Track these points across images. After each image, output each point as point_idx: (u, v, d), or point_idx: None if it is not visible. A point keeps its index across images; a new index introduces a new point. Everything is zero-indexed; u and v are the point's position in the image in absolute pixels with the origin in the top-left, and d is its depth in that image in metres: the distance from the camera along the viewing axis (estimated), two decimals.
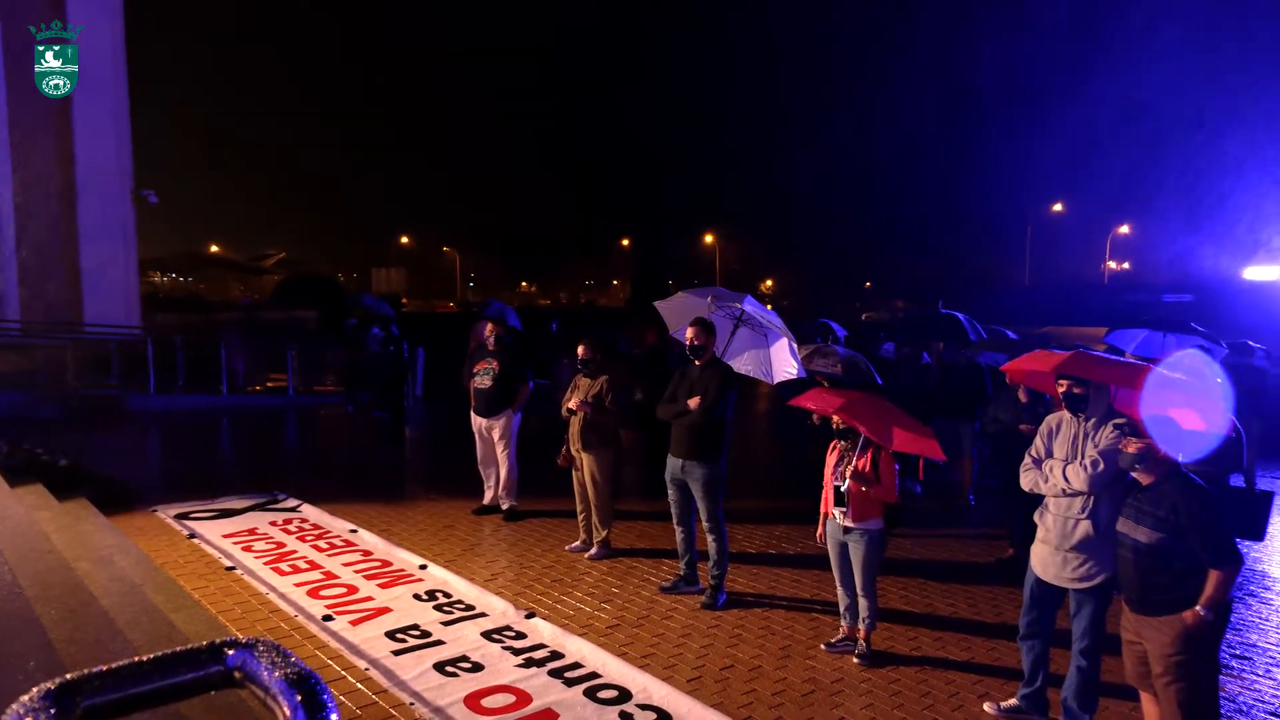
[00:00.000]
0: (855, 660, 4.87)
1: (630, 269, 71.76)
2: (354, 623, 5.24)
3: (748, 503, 8.61)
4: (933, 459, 4.98)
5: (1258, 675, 4.83)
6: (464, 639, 5.02)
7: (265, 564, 6.36)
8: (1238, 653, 5.11)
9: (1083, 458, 3.93)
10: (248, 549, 6.73)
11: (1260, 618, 5.73)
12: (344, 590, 5.83)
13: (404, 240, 79.27)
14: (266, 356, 17.39)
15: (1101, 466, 3.84)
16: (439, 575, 6.15)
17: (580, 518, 6.95)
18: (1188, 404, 3.85)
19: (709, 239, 64.08)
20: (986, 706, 4.32)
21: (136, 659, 0.94)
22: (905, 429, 4.80)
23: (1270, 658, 5.07)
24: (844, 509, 4.85)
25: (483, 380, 7.74)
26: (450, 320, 39.33)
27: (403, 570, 6.28)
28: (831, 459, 5.03)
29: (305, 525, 7.48)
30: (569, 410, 6.78)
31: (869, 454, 4.82)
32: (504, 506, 7.87)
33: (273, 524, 7.49)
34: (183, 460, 11.39)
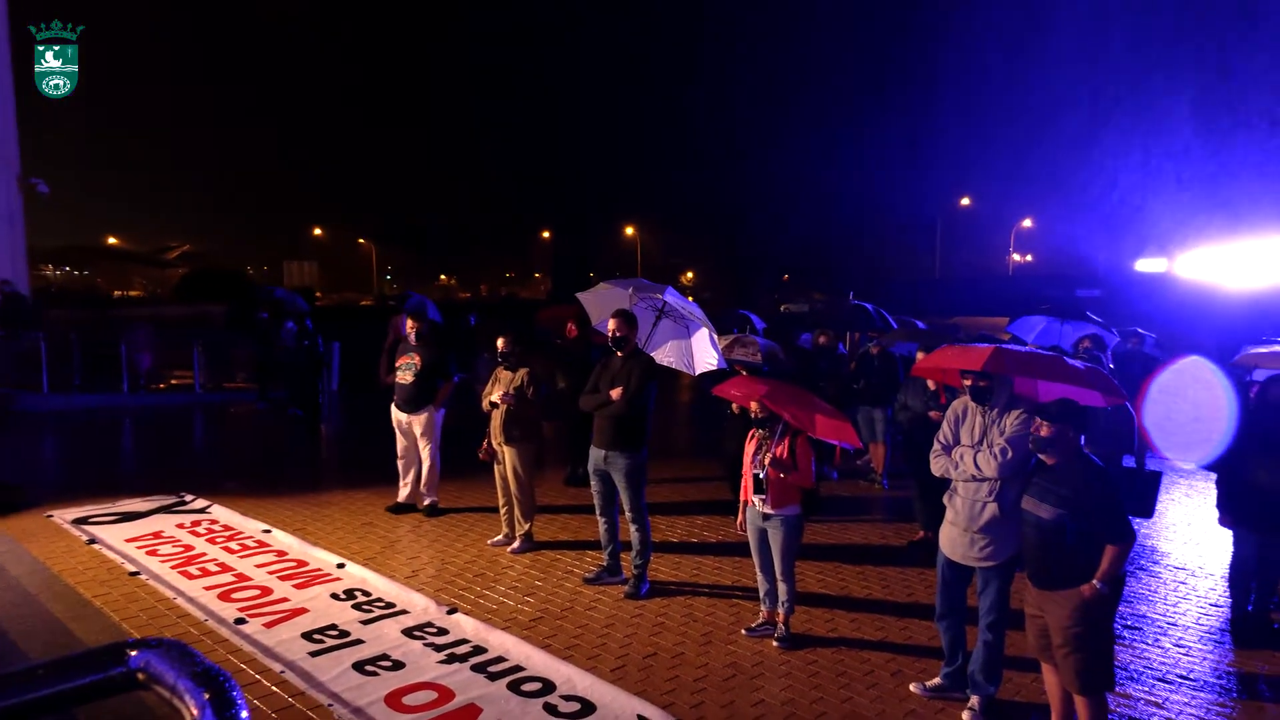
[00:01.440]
0: (774, 644, 4.98)
1: (551, 261, 71.38)
2: (268, 625, 5.09)
3: (670, 492, 8.70)
4: (849, 446, 5.12)
5: (1147, 644, 5.13)
6: (384, 637, 4.93)
7: (172, 568, 6.12)
8: (1129, 623, 5.42)
9: (991, 445, 4.10)
10: (153, 553, 6.47)
11: (1150, 590, 6.08)
12: (257, 592, 5.65)
13: (317, 232, 76.93)
14: (171, 353, 16.69)
15: (1011, 454, 4.01)
16: (357, 574, 6.02)
17: (502, 511, 6.90)
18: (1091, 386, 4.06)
19: (630, 231, 64.27)
20: (913, 687, 4.46)
21: (31, 663, 0.90)
22: (826, 416, 4.92)
23: (1159, 627, 5.40)
24: (763, 496, 4.95)
25: (404, 375, 7.59)
26: (367, 313, 38.42)
27: (319, 570, 6.13)
28: (750, 447, 5.12)
29: (215, 527, 7.22)
30: (491, 403, 6.72)
31: (786, 441, 4.93)
32: (425, 502, 7.75)
33: (180, 526, 7.21)
34: (80, 462, 10.84)
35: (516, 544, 6.72)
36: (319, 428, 12.18)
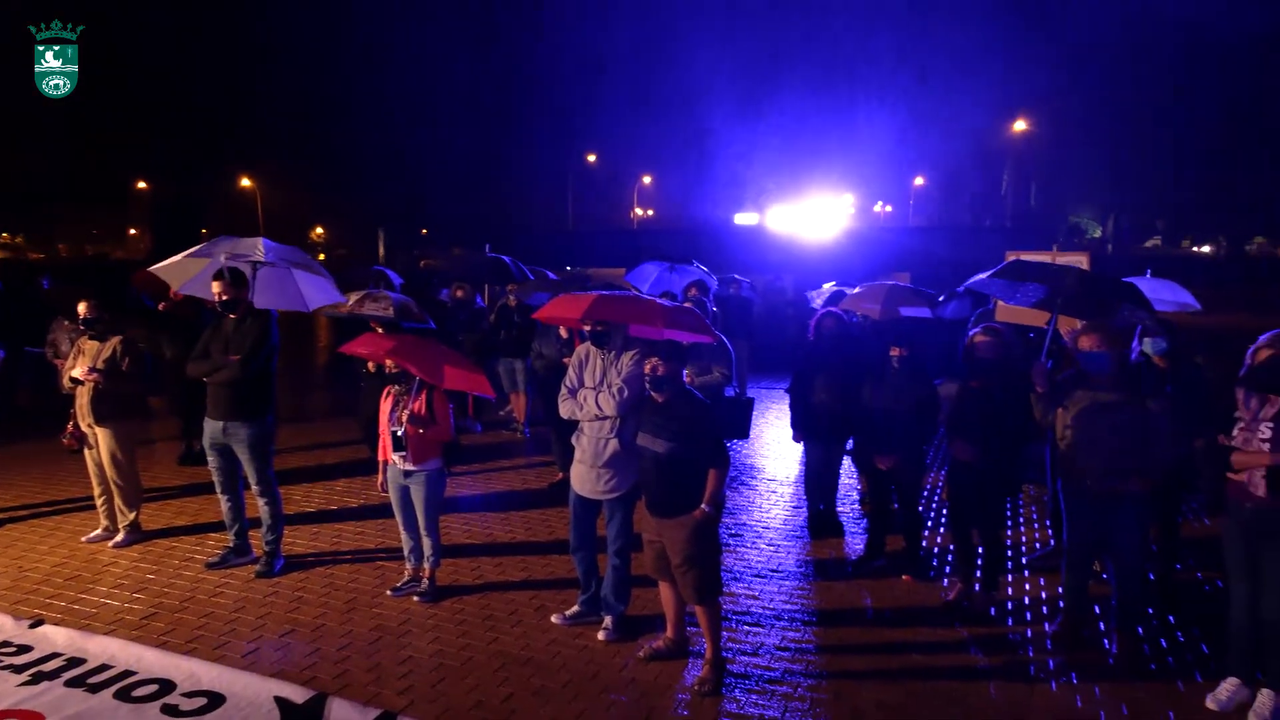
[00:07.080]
0: (418, 600, 4.97)
1: (151, 216, 62.01)
2: None
3: (305, 459, 8.21)
4: (483, 396, 5.20)
5: (746, 548, 5.96)
6: None
7: None
8: (733, 531, 6.24)
9: (610, 386, 4.41)
10: None
11: (749, 502, 7.04)
12: None
13: None
14: None
15: (627, 392, 4.35)
16: None
17: (99, 502, 6.00)
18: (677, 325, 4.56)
19: (247, 182, 58.08)
20: (554, 619, 4.71)
21: None
22: (456, 367, 4.93)
23: (755, 532, 6.29)
24: (403, 453, 4.86)
25: None
26: None
27: None
28: (386, 405, 5.00)
29: None
30: (73, 380, 5.77)
31: (423, 396, 4.88)
32: None
33: None
34: None
35: (120, 537, 5.91)
36: None
